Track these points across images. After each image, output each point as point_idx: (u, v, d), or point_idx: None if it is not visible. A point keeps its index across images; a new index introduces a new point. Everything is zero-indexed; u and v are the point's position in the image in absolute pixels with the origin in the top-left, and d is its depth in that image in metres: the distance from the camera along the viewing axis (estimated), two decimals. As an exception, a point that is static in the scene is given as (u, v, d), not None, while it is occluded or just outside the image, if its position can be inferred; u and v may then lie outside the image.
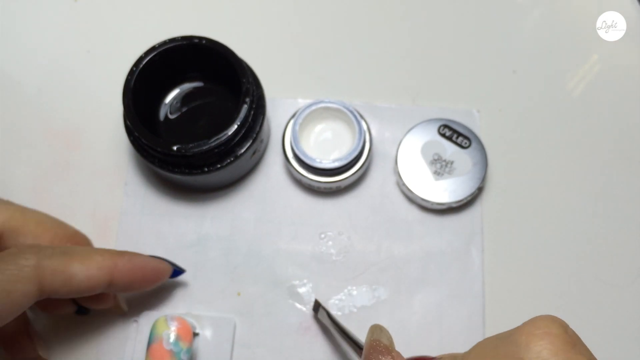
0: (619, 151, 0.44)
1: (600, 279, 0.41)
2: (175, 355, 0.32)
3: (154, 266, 0.35)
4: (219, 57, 0.39)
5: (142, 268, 0.34)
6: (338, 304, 0.40)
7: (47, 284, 0.29)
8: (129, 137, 0.39)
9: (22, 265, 0.28)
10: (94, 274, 0.31)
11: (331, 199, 0.43)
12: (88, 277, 0.30)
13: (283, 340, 0.40)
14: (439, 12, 0.48)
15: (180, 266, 0.38)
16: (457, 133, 0.42)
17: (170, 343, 0.32)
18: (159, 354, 0.31)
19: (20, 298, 0.28)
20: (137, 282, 0.33)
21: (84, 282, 0.30)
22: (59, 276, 0.29)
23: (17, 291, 0.28)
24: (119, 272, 0.32)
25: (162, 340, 0.32)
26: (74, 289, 0.30)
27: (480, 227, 0.42)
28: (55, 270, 0.29)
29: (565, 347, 0.23)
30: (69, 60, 0.47)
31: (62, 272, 0.30)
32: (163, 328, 0.32)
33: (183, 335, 0.32)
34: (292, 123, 0.41)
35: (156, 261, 0.35)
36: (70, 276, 0.30)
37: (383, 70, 0.46)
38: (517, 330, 0.24)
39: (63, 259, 0.30)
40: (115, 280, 0.32)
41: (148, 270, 0.34)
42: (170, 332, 0.32)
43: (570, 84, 0.46)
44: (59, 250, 0.31)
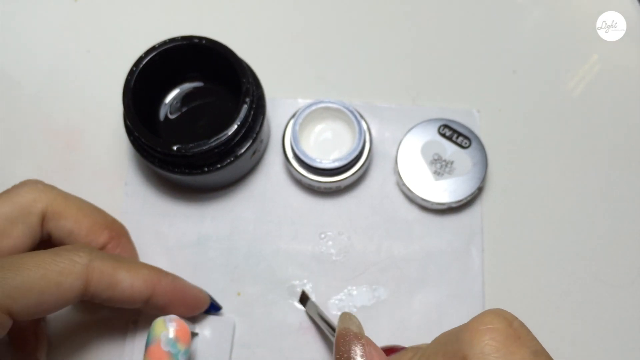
0: (619, 151, 0.44)
1: (600, 279, 0.41)
2: (173, 356, 0.32)
3: (195, 294, 0.35)
4: (219, 57, 0.39)
5: (182, 292, 0.34)
6: (338, 304, 0.40)
7: (94, 284, 0.30)
8: (129, 137, 0.39)
9: (75, 262, 0.29)
10: (138, 285, 0.32)
11: (331, 199, 0.43)
12: (132, 286, 0.31)
13: (283, 340, 0.40)
14: (439, 12, 0.48)
15: (218, 303, 0.38)
16: (457, 133, 0.42)
17: (168, 344, 0.32)
18: (157, 355, 0.31)
19: (68, 292, 0.29)
20: (175, 304, 0.34)
21: (127, 290, 0.31)
22: (105, 279, 0.30)
23: (67, 284, 0.29)
24: (160, 290, 0.33)
25: (160, 342, 0.32)
26: (116, 295, 0.31)
27: (480, 227, 0.42)
28: (103, 272, 0.30)
29: (507, 342, 0.23)
30: (69, 60, 0.47)
31: (109, 276, 0.31)
32: (161, 329, 0.32)
33: (181, 336, 0.32)
34: (292, 123, 0.41)
35: (197, 290, 0.36)
36: (116, 281, 0.31)
37: (383, 70, 0.46)
38: (463, 327, 0.24)
39: (113, 263, 0.31)
40: (155, 297, 0.33)
41: (188, 296, 0.35)
42: (168, 333, 0.32)
43: (570, 84, 0.46)
44: (110, 255, 0.32)
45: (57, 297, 0.29)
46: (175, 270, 0.41)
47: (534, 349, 0.23)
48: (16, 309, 0.28)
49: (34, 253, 0.30)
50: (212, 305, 0.38)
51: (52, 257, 0.29)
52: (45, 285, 0.28)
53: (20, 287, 0.28)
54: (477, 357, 0.22)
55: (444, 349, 0.24)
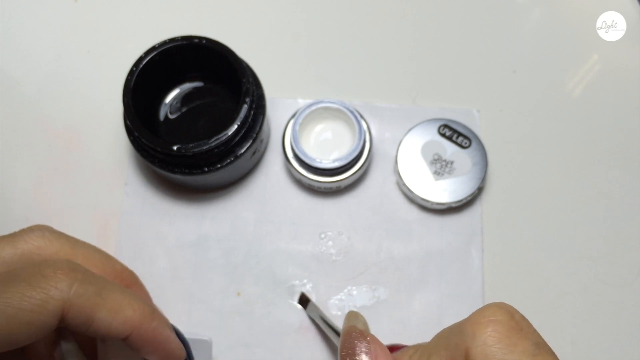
0: (619, 151, 0.44)
1: (600, 279, 0.41)
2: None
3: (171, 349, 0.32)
4: (219, 57, 0.39)
5: (161, 344, 0.31)
6: (338, 304, 0.40)
7: (68, 319, 0.28)
8: (129, 137, 0.39)
9: (50, 298, 0.27)
10: (116, 328, 0.29)
11: (331, 199, 0.43)
12: (109, 328, 0.29)
13: (283, 340, 0.40)
14: (439, 12, 0.48)
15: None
16: (457, 133, 0.42)
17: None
18: None
19: (40, 330, 0.27)
20: (147, 352, 0.31)
21: (102, 329, 0.29)
22: (82, 317, 0.28)
23: (39, 322, 0.27)
24: (139, 334, 0.30)
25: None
26: (89, 332, 0.29)
27: (480, 227, 0.42)
28: (81, 310, 0.28)
29: (509, 333, 0.23)
30: (69, 60, 0.47)
31: (87, 315, 0.28)
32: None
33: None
34: (292, 123, 0.41)
35: (177, 345, 0.33)
36: (93, 321, 0.28)
37: (383, 70, 0.46)
38: (465, 321, 0.24)
39: (94, 301, 0.28)
40: (131, 339, 0.30)
41: (164, 349, 0.32)
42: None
43: (570, 84, 0.46)
44: (93, 290, 0.29)
45: (27, 336, 0.27)
46: (176, 270, 0.41)
47: (535, 341, 0.23)
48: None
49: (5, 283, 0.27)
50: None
51: (25, 291, 0.27)
52: (15, 326, 0.26)
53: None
54: (480, 349, 0.23)
55: (446, 342, 0.25)
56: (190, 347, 0.34)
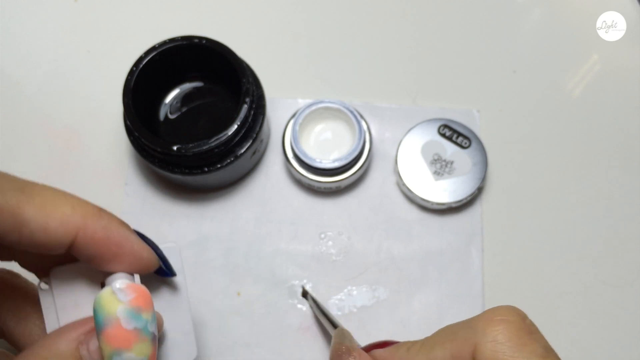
0: (619, 151, 0.44)
1: (600, 279, 0.41)
2: (142, 331, 0.24)
3: (135, 251, 0.26)
4: (218, 57, 0.39)
5: (118, 245, 0.25)
6: (338, 304, 0.40)
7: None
8: (129, 137, 0.39)
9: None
10: (53, 229, 0.24)
11: (331, 199, 0.43)
12: (44, 229, 0.23)
13: (283, 340, 0.40)
14: (439, 12, 0.48)
15: (172, 268, 0.29)
16: (457, 133, 0.42)
17: (132, 319, 0.24)
18: (122, 338, 0.23)
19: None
20: (105, 259, 0.25)
21: (38, 233, 0.23)
22: (7, 218, 0.23)
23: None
24: (86, 237, 0.24)
25: (119, 320, 0.24)
26: (24, 239, 0.24)
27: (480, 227, 0.42)
28: (2, 208, 0.23)
29: (520, 333, 0.24)
30: (69, 60, 0.47)
31: (11, 215, 0.23)
32: (114, 304, 0.24)
33: (143, 303, 0.24)
34: (292, 123, 0.41)
35: (141, 246, 0.26)
36: (21, 222, 0.23)
37: (383, 70, 0.46)
38: (477, 317, 0.25)
39: (17, 197, 0.23)
40: (79, 246, 0.24)
41: (125, 252, 0.26)
42: (126, 307, 0.24)
43: (570, 84, 0.46)
44: (16, 185, 0.24)
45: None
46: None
47: (544, 345, 0.24)
48: None
49: None
50: (161, 269, 0.28)
51: None
52: None
53: None
54: (489, 345, 0.23)
55: (452, 336, 0.25)
56: (162, 251, 0.28)
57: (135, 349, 0.24)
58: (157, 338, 0.25)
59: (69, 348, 0.24)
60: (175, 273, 0.29)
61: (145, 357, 0.24)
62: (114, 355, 0.23)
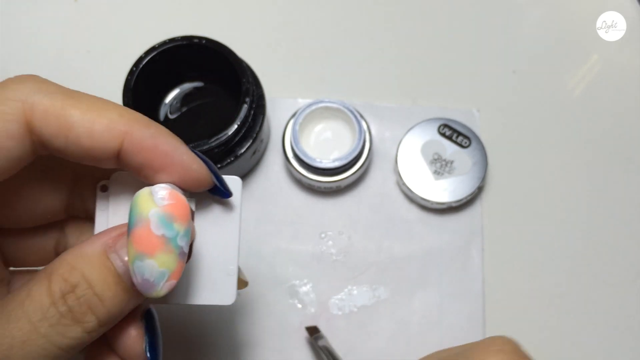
0: (619, 151, 0.44)
1: (600, 279, 0.41)
2: (171, 241, 0.22)
3: (185, 162, 0.24)
4: (218, 57, 0.39)
5: (166, 154, 0.24)
6: (338, 304, 0.40)
7: (37, 126, 0.22)
8: (129, 137, 0.39)
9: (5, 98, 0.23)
10: (99, 133, 0.23)
11: (331, 198, 0.43)
12: (90, 133, 0.23)
13: (283, 340, 0.40)
14: (439, 12, 0.48)
15: (228, 187, 0.26)
16: (457, 132, 0.42)
17: (162, 225, 0.22)
18: (147, 241, 0.22)
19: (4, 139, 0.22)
20: (157, 168, 0.24)
21: (83, 136, 0.23)
22: (52, 120, 0.22)
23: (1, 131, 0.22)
24: (133, 143, 0.23)
25: (149, 223, 0.22)
26: (71, 144, 0.23)
27: (480, 226, 0.42)
28: (48, 110, 0.22)
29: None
30: (69, 61, 0.47)
31: (57, 116, 0.22)
32: (148, 205, 0.22)
33: (178, 212, 0.23)
34: (292, 123, 0.41)
35: (192, 157, 0.25)
36: (67, 125, 0.23)
37: (383, 70, 0.46)
38: (473, 347, 0.25)
39: (64, 100, 0.23)
40: (126, 153, 0.23)
41: (175, 162, 0.24)
42: (159, 210, 0.22)
43: (570, 84, 0.46)
44: (63, 90, 0.24)
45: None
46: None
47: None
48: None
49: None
50: (217, 187, 0.26)
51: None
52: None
53: None
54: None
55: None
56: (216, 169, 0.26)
57: (159, 257, 0.22)
58: (186, 256, 0.23)
59: (95, 250, 0.23)
60: (231, 193, 0.26)
61: (168, 271, 0.22)
62: (136, 259, 0.22)
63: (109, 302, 0.23)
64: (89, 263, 0.23)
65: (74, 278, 0.22)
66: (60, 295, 0.22)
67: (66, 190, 0.27)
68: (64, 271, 0.22)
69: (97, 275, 0.22)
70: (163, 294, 0.23)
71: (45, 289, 0.22)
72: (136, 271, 0.22)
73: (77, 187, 0.27)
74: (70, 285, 0.22)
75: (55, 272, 0.22)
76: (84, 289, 0.22)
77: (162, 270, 0.22)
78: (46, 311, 0.22)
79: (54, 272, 0.22)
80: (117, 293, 0.23)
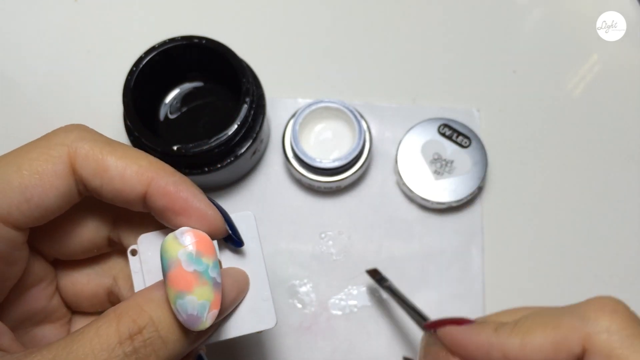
0: (619, 151, 0.44)
1: (600, 279, 0.41)
2: (203, 274, 0.25)
3: (201, 209, 0.27)
4: (219, 57, 0.39)
5: (186, 200, 0.27)
6: (338, 304, 0.40)
7: (78, 168, 0.26)
8: (129, 137, 0.39)
9: (54, 143, 0.26)
10: (129, 176, 0.26)
11: (331, 198, 0.43)
12: (122, 176, 0.26)
13: (283, 340, 0.40)
14: (439, 12, 0.48)
15: (240, 236, 0.29)
16: (457, 132, 0.42)
17: (192, 262, 0.25)
18: (183, 280, 0.24)
19: (55, 180, 0.25)
20: (174, 213, 0.27)
21: (116, 179, 0.26)
22: (91, 163, 0.26)
23: (49, 171, 0.25)
24: (157, 189, 0.26)
25: (180, 263, 0.25)
26: (105, 184, 0.26)
27: (480, 226, 0.42)
28: (89, 155, 0.26)
29: (632, 324, 0.24)
30: (69, 60, 0.47)
31: (95, 160, 0.26)
32: (176, 248, 0.25)
33: (203, 248, 0.25)
34: (292, 123, 0.41)
35: (207, 204, 0.27)
36: (104, 167, 0.26)
37: (383, 70, 0.46)
38: (584, 305, 0.25)
39: (102, 147, 0.26)
40: (151, 197, 0.26)
41: (192, 207, 0.27)
42: (187, 249, 0.25)
43: (570, 84, 0.46)
44: (101, 137, 0.27)
45: (43, 189, 0.25)
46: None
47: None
48: (4, 212, 0.25)
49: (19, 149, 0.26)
50: (230, 236, 0.29)
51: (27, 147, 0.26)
52: (26, 177, 0.25)
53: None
54: (603, 335, 0.24)
55: (555, 323, 0.25)
56: (230, 217, 0.29)
57: (197, 291, 0.24)
58: (220, 286, 0.25)
59: (163, 295, 0.25)
60: (242, 243, 0.29)
61: (207, 302, 0.25)
62: (177, 299, 0.24)
63: (172, 345, 0.25)
64: (157, 307, 0.25)
65: (142, 320, 0.24)
66: (128, 336, 0.23)
67: (108, 228, 0.30)
68: (134, 313, 0.24)
69: (164, 319, 0.24)
70: (209, 324, 0.25)
71: (114, 329, 0.23)
72: (179, 309, 0.24)
73: (116, 226, 0.30)
74: (138, 327, 0.24)
75: (125, 313, 0.24)
76: (151, 332, 0.24)
77: (202, 302, 0.24)
78: (112, 350, 0.23)
79: (124, 313, 0.24)
80: (179, 336, 0.25)
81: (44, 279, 0.29)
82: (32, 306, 0.29)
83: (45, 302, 0.30)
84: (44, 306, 0.30)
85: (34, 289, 0.29)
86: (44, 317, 0.30)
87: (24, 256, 0.27)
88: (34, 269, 0.29)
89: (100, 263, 0.31)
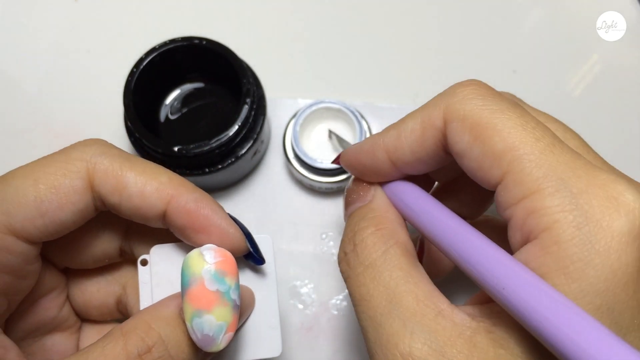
0: (619, 151, 0.44)
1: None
2: (225, 295, 0.24)
3: (223, 227, 0.26)
4: (219, 57, 0.39)
5: (207, 217, 0.26)
6: (339, 304, 0.40)
7: (97, 184, 0.25)
8: (130, 139, 0.39)
9: (72, 158, 0.26)
10: (149, 193, 0.25)
11: (332, 199, 0.43)
12: (141, 193, 0.25)
13: (284, 341, 0.40)
14: (439, 12, 0.48)
15: (262, 254, 0.29)
16: (457, 133, 0.42)
17: (215, 281, 0.24)
18: (204, 299, 0.23)
19: (72, 195, 0.25)
20: (195, 230, 0.26)
21: (135, 196, 0.25)
22: (110, 179, 0.25)
23: (65, 186, 0.25)
24: (177, 206, 0.26)
25: (203, 281, 0.24)
26: (124, 201, 0.26)
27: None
28: (108, 171, 0.25)
29: (490, 92, 0.24)
30: (69, 60, 0.46)
31: (114, 176, 0.25)
32: (200, 264, 0.24)
33: (228, 268, 0.24)
34: (292, 123, 0.42)
35: (229, 222, 0.27)
36: (122, 184, 0.25)
37: (383, 70, 0.46)
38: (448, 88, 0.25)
39: (121, 162, 0.26)
40: (170, 214, 0.26)
41: (213, 225, 0.26)
42: (212, 268, 0.24)
43: (570, 83, 0.46)
44: (120, 153, 0.27)
45: (59, 204, 0.25)
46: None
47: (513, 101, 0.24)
48: (18, 226, 0.24)
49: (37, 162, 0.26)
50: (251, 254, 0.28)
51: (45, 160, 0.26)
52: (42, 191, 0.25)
53: (12, 200, 0.24)
54: (459, 102, 0.24)
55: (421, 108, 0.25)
56: (251, 234, 0.28)
57: (216, 311, 0.24)
58: (239, 308, 0.25)
59: (172, 312, 0.25)
60: (264, 260, 0.29)
61: (225, 323, 0.24)
62: (195, 317, 0.23)
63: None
64: (166, 325, 0.24)
65: (150, 339, 0.23)
66: (137, 355, 0.23)
67: (120, 239, 0.30)
68: (142, 331, 0.23)
69: (173, 337, 0.24)
70: (222, 347, 0.24)
71: (121, 348, 0.23)
72: (195, 328, 0.23)
73: (128, 238, 0.30)
74: (147, 346, 0.23)
75: (132, 332, 0.23)
76: (161, 350, 0.23)
77: (220, 324, 0.24)
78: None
79: (131, 331, 0.23)
80: (189, 356, 0.24)
81: (55, 289, 0.29)
82: (43, 316, 0.29)
83: (56, 311, 0.29)
84: (54, 316, 0.29)
85: (44, 298, 0.29)
86: (54, 326, 0.30)
87: (36, 269, 0.27)
88: (45, 279, 0.28)
89: (111, 272, 0.31)
